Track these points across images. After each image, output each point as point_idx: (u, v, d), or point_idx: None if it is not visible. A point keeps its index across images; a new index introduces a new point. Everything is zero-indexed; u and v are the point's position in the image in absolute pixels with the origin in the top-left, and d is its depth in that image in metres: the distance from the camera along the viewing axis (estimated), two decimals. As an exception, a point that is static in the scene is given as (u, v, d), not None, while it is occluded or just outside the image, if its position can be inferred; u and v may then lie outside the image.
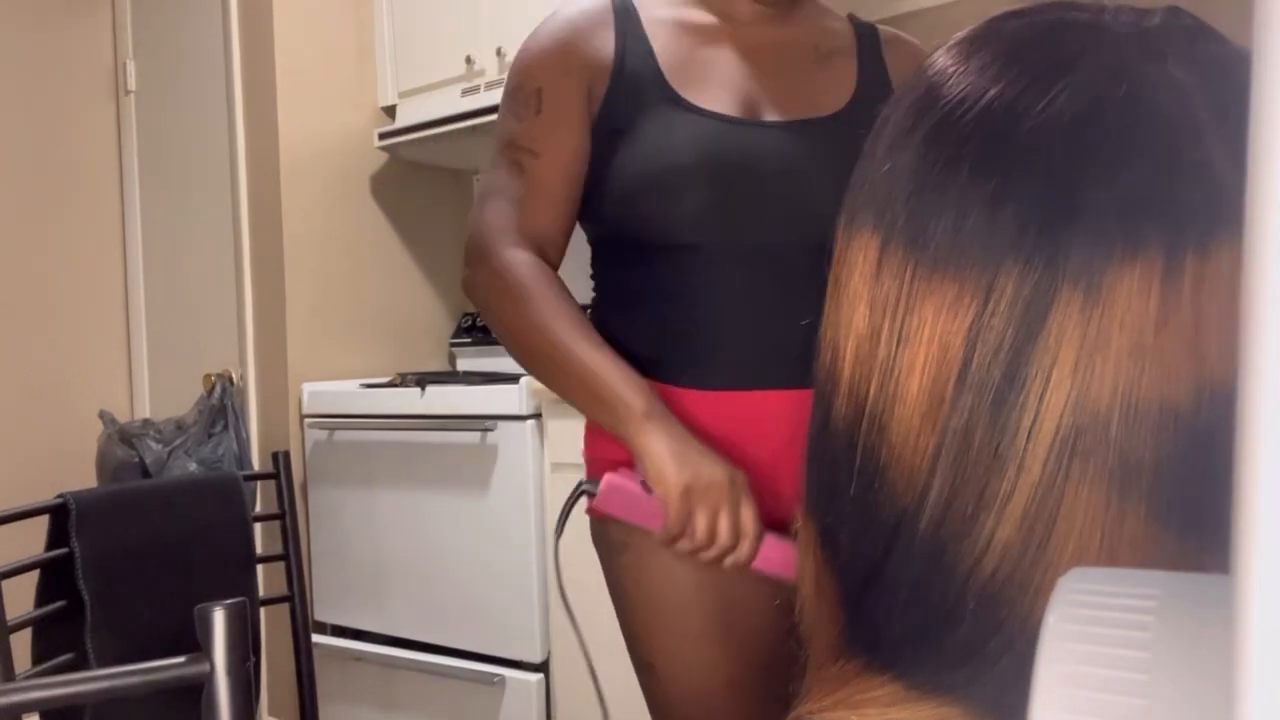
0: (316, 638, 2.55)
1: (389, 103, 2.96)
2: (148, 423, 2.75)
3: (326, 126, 2.87)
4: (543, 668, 2.27)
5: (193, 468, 2.60)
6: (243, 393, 2.83)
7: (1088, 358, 0.32)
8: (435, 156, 3.00)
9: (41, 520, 1.36)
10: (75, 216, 3.16)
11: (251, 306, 2.85)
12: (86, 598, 1.34)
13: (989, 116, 0.35)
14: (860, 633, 0.37)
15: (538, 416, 2.29)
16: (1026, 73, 0.35)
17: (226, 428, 2.68)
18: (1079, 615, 0.24)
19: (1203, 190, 0.32)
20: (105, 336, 3.22)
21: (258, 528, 1.77)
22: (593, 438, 1.17)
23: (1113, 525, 0.32)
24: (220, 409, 2.70)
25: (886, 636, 0.36)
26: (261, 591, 1.59)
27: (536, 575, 2.28)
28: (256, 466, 2.70)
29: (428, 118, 2.72)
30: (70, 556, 1.34)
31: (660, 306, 1.12)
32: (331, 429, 2.67)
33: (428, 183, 3.13)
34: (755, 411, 1.09)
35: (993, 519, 0.33)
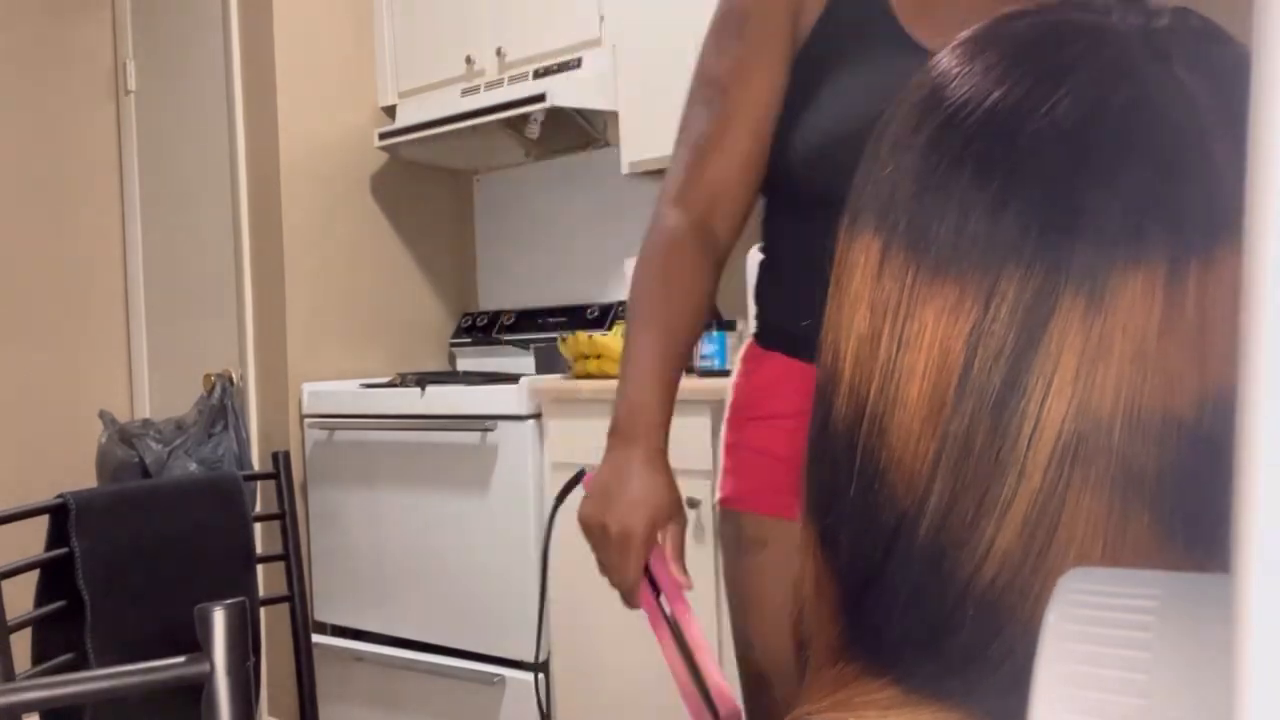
0: (316, 638, 2.55)
1: (389, 103, 2.96)
2: (148, 423, 2.75)
3: (326, 126, 2.87)
4: (543, 668, 2.27)
5: (193, 468, 2.60)
6: (243, 393, 2.83)
7: (1090, 364, 0.32)
8: (435, 156, 3.00)
9: (41, 520, 1.36)
10: (75, 216, 3.16)
11: (251, 306, 2.85)
12: (86, 598, 1.34)
13: (992, 119, 0.35)
14: (860, 635, 0.37)
15: (538, 416, 2.29)
16: (1031, 75, 0.35)
17: (226, 428, 2.68)
18: (1079, 615, 0.24)
19: (1207, 195, 0.32)
20: (105, 336, 3.22)
21: (258, 528, 1.77)
22: (733, 422, 1.11)
23: (1115, 533, 0.32)
24: (220, 409, 2.70)
25: (886, 640, 0.35)
26: (261, 591, 1.59)
27: (536, 575, 2.28)
28: (256, 466, 2.70)
29: (428, 118, 2.72)
30: (70, 556, 1.34)
31: (788, 270, 1.04)
32: (331, 429, 2.67)
33: (428, 183, 3.13)
34: None
35: (993, 525, 0.33)
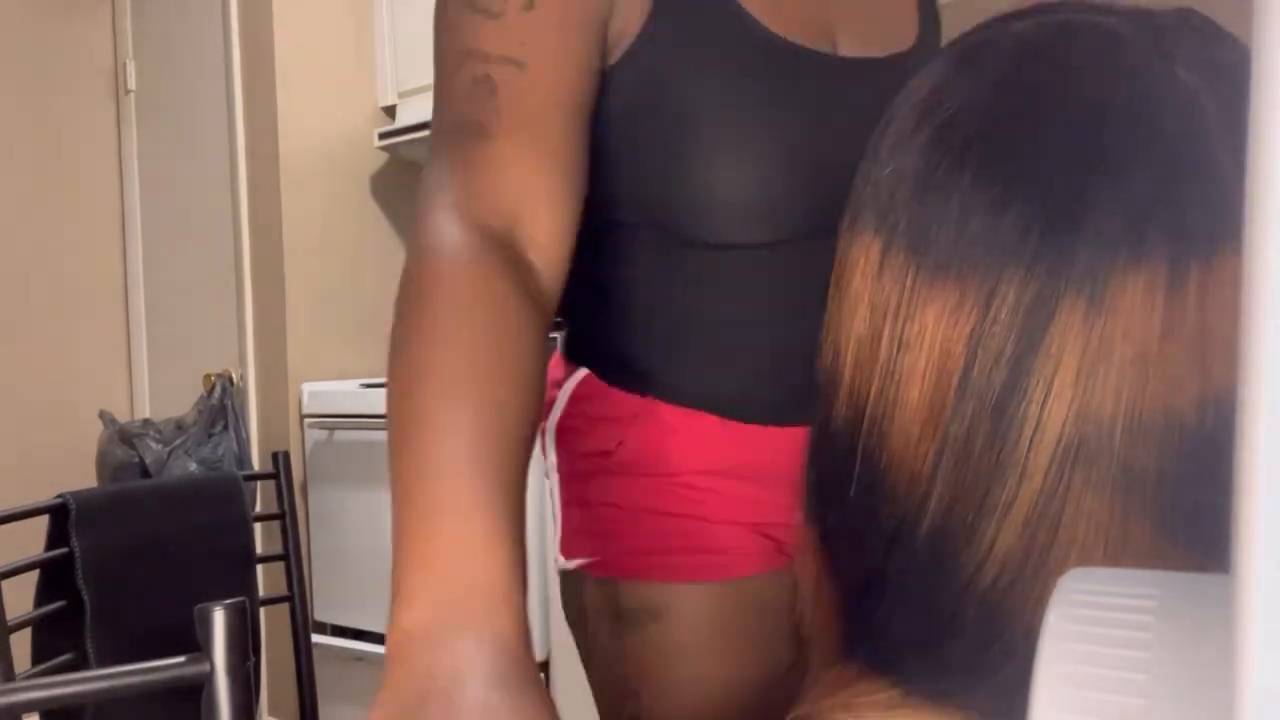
0: (316, 638, 2.55)
1: (389, 103, 2.95)
2: (148, 423, 2.75)
3: (326, 126, 2.87)
4: (543, 668, 2.27)
5: (193, 468, 2.60)
6: (243, 393, 2.83)
7: (1090, 366, 0.32)
8: (435, 156, 2.99)
9: (41, 520, 1.36)
10: (75, 216, 3.16)
11: (251, 306, 2.85)
12: (86, 598, 1.34)
13: (994, 120, 0.35)
14: (860, 637, 0.36)
15: (538, 416, 2.29)
16: (1032, 75, 0.35)
17: (226, 428, 2.68)
18: (1079, 615, 0.24)
19: (1209, 197, 0.32)
20: (105, 336, 3.22)
21: (258, 528, 1.77)
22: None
23: (1116, 535, 0.32)
24: (220, 409, 2.70)
25: (886, 642, 0.35)
26: (261, 591, 1.59)
27: (536, 575, 2.27)
28: (256, 466, 2.70)
29: (428, 118, 2.71)
30: (70, 556, 1.34)
31: (689, 317, 0.84)
32: (331, 429, 2.67)
33: (428, 183, 3.13)
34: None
35: (993, 527, 0.33)
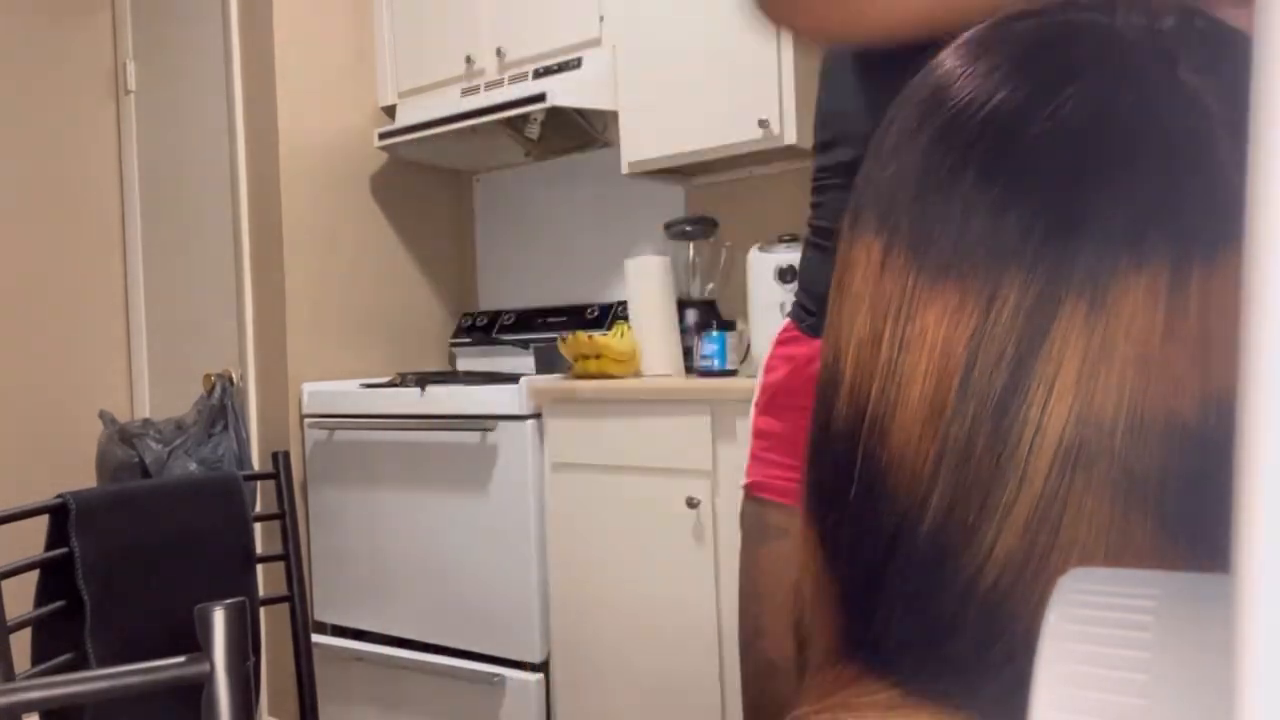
0: (316, 638, 2.55)
1: (389, 103, 2.96)
2: (148, 423, 2.75)
3: (326, 126, 2.87)
4: (543, 668, 2.27)
5: (193, 468, 2.60)
6: (243, 393, 2.83)
7: (1092, 368, 0.32)
8: (435, 156, 3.00)
9: (41, 520, 1.36)
10: (75, 216, 3.16)
11: (251, 306, 2.85)
12: (86, 598, 1.34)
13: (995, 121, 0.34)
14: (860, 637, 0.36)
15: (538, 416, 2.29)
16: (1034, 76, 0.35)
17: (226, 428, 2.68)
18: (1079, 615, 0.24)
19: (1211, 198, 0.32)
20: (105, 336, 3.22)
21: (258, 528, 1.77)
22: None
23: (1117, 538, 0.32)
24: (220, 409, 2.70)
25: (886, 642, 0.35)
26: (261, 591, 1.59)
27: (536, 575, 2.28)
28: (256, 466, 2.70)
29: (428, 117, 2.72)
30: (70, 556, 1.34)
31: None
32: (331, 429, 2.67)
33: (428, 183, 3.13)
34: None
35: (994, 529, 0.33)
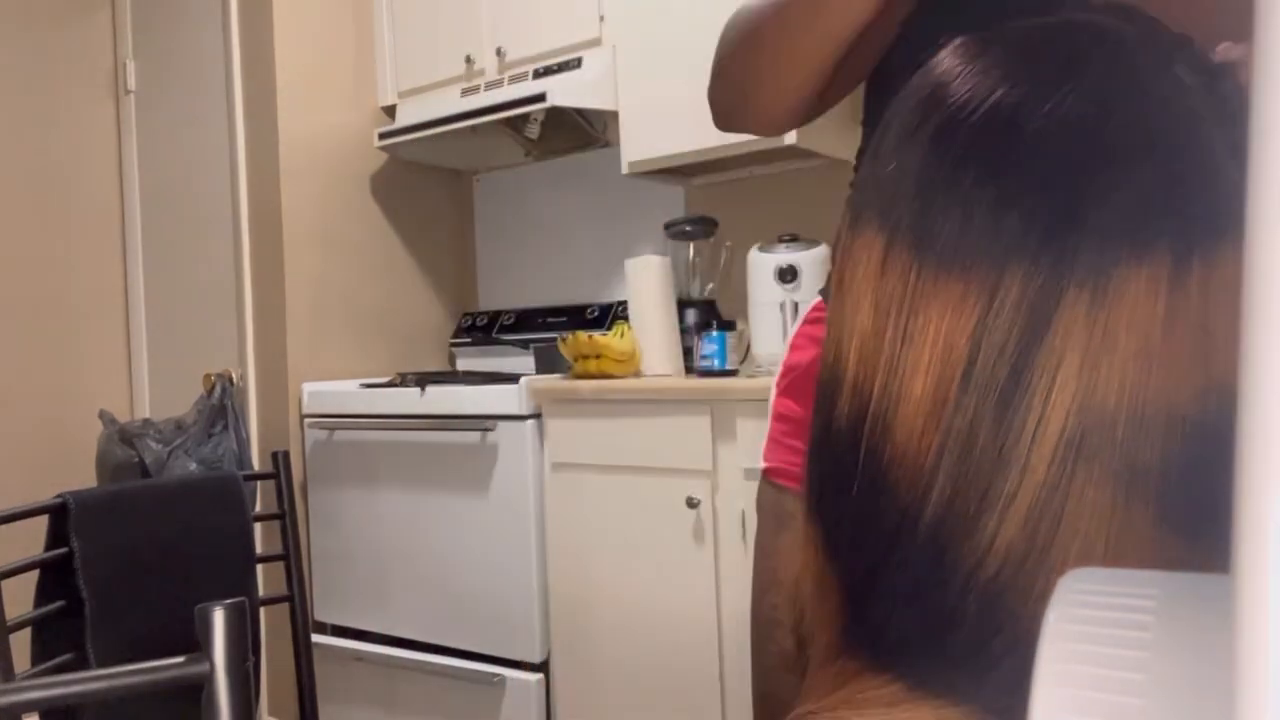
0: (316, 638, 2.55)
1: (389, 103, 2.95)
2: (148, 423, 2.75)
3: (326, 126, 2.87)
4: (543, 668, 2.27)
5: (193, 468, 2.60)
6: (243, 393, 2.83)
7: (1094, 359, 0.32)
8: (435, 156, 3.00)
9: (41, 520, 1.36)
10: (75, 216, 3.16)
11: (251, 306, 2.85)
12: (86, 598, 1.34)
13: (995, 117, 0.35)
14: (862, 632, 0.37)
15: (538, 416, 2.29)
16: (1034, 74, 0.35)
17: (226, 428, 2.68)
18: (1079, 615, 0.24)
19: (1210, 193, 0.32)
20: (105, 336, 3.22)
21: (258, 528, 1.77)
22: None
23: (1118, 528, 0.32)
24: (220, 409, 2.69)
25: (888, 636, 0.35)
26: (261, 591, 1.59)
27: (536, 575, 2.28)
28: (256, 466, 2.70)
29: (428, 118, 2.72)
30: (70, 556, 1.34)
31: None
32: (331, 429, 2.67)
33: (428, 183, 3.13)
34: None
35: (995, 520, 0.33)
